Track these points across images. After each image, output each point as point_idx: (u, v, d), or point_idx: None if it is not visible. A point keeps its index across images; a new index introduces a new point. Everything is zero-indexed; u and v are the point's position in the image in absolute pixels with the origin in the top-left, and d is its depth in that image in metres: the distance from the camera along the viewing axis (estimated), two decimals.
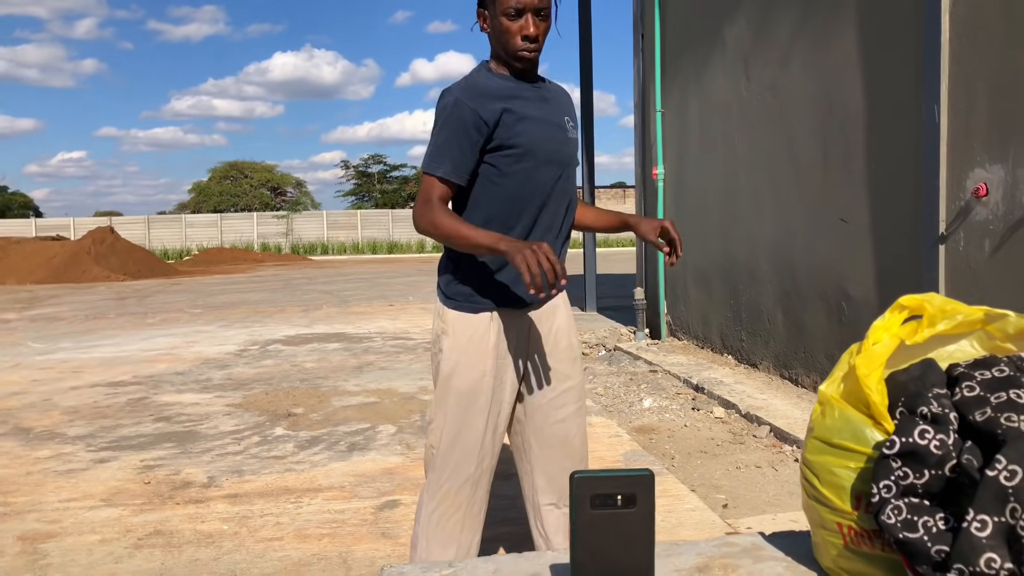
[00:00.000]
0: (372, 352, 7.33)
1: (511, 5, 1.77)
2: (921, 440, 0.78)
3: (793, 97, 5.25)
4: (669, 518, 3.16)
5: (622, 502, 0.75)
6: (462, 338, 1.88)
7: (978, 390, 0.81)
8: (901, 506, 0.79)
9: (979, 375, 0.83)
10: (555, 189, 1.86)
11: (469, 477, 1.90)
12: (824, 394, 0.92)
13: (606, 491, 0.75)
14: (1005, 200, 3.44)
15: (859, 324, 4.58)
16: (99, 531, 3.14)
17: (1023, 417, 0.75)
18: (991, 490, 0.72)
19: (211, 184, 47.60)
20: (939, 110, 3.74)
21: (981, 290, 3.60)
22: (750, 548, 0.99)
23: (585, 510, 0.74)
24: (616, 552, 0.75)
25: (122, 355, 7.52)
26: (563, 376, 1.93)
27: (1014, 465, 0.71)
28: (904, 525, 0.77)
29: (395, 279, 16.96)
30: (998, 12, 3.44)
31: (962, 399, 0.81)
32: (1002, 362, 0.84)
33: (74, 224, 33.80)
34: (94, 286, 16.94)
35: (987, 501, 0.72)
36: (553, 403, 1.93)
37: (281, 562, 2.81)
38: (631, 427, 4.60)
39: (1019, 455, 0.72)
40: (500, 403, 1.90)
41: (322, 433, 4.51)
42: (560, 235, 1.91)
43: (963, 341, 0.96)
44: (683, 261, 7.12)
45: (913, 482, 0.79)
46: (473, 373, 1.88)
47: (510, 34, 1.79)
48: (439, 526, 1.92)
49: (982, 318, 0.94)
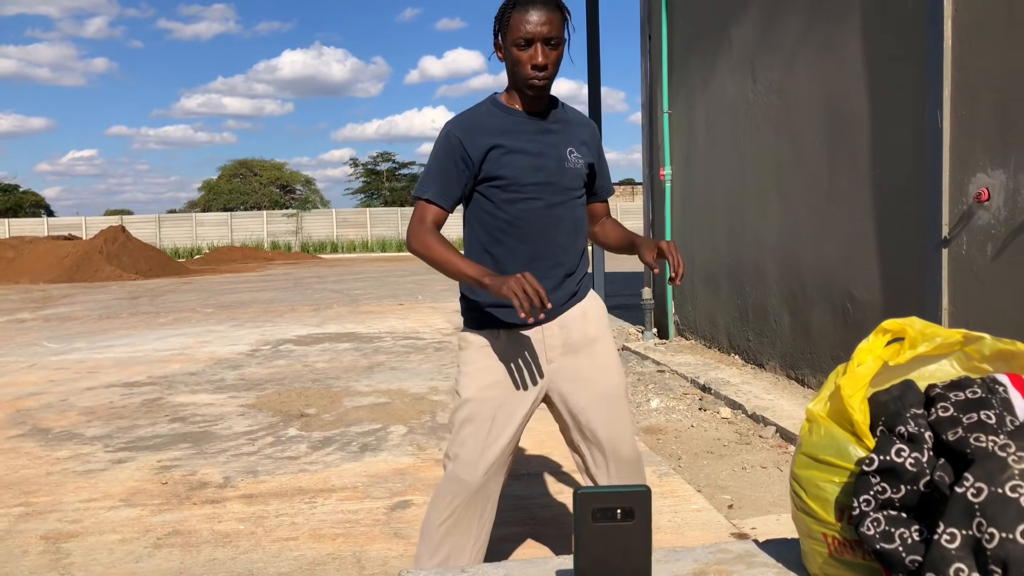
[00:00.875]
0: (383, 352, 7.41)
1: (521, 35, 1.84)
2: (897, 458, 0.85)
3: (799, 100, 5.29)
4: (675, 518, 3.22)
5: (621, 515, 0.82)
6: (471, 352, 1.97)
7: (952, 411, 0.87)
8: (880, 518, 0.85)
9: (953, 396, 0.89)
10: (547, 219, 1.93)
11: (465, 489, 1.96)
12: (812, 412, 0.99)
13: (607, 505, 0.81)
14: (1007, 205, 3.48)
15: (864, 325, 4.62)
16: (119, 531, 3.22)
17: (991, 437, 0.82)
18: (960, 505, 0.78)
19: (221, 182, 47.81)
20: (942, 115, 3.79)
21: (984, 293, 3.65)
22: (743, 555, 1.06)
23: (587, 522, 0.81)
24: (616, 561, 0.82)
25: (136, 355, 7.63)
26: (589, 382, 2.00)
27: (980, 483, 0.78)
28: (882, 536, 0.84)
29: (405, 278, 17.05)
30: (1001, 18, 3.49)
31: (937, 419, 0.87)
32: (975, 384, 0.90)
33: (86, 223, 34.05)
34: (106, 285, 17.11)
35: (956, 516, 0.78)
36: (586, 411, 2.00)
37: (297, 561, 2.89)
38: (639, 428, 4.66)
39: (985, 473, 0.78)
40: (508, 415, 1.96)
41: (335, 434, 4.59)
42: (554, 262, 1.96)
43: (943, 361, 1.02)
44: (690, 261, 7.17)
45: (891, 496, 0.85)
46: (478, 384, 1.96)
47: (520, 63, 1.87)
48: (435, 530, 2.00)
49: (960, 340, 1.00)
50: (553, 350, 1.98)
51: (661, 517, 3.23)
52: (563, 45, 1.90)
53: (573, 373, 1.99)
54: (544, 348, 1.98)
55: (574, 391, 1.99)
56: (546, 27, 1.84)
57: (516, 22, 1.85)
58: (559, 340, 1.98)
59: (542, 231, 1.94)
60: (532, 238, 1.94)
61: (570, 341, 1.99)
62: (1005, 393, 0.88)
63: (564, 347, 1.98)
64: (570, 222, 1.98)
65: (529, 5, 1.85)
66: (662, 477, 3.70)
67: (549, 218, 1.94)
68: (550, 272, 1.95)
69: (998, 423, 0.84)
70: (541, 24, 1.83)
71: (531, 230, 1.93)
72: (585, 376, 1.99)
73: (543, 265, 1.94)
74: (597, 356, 2.00)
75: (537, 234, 1.93)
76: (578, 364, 1.99)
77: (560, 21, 1.88)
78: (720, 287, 6.63)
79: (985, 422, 0.84)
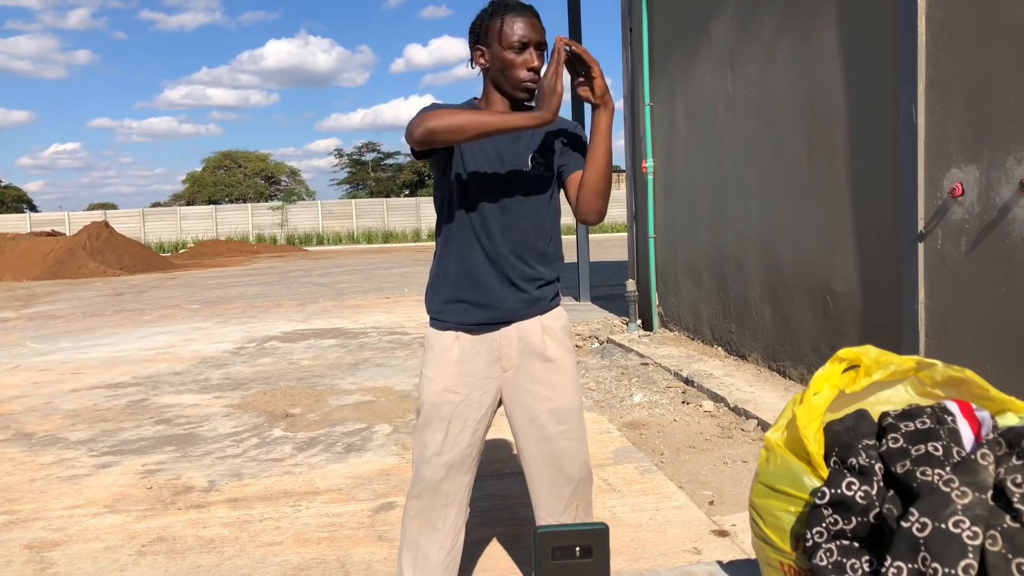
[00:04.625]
0: (368, 348, 7.42)
1: (517, 39, 1.89)
2: (848, 491, 0.87)
3: (778, 93, 5.32)
4: (657, 516, 3.26)
5: (580, 553, 0.84)
6: (431, 354, 2.01)
7: (901, 442, 0.90)
8: (832, 549, 0.88)
9: (904, 427, 0.91)
10: (501, 222, 1.95)
11: (427, 487, 1.99)
12: (769, 441, 1.01)
13: (565, 543, 0.83)
14: (980, 200, 3.52)
15: (843, 318, 4.67)
16: (103, 538, 3.23)
17: (936, 470, 0.84)
18: (906, 540, 0.80)
19: (205, 175, 47.49)
20: (916, 111, 3.82)
21: (959, 287, 3.70)
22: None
23: (547, 561, 0.83)
24: None
25: (121, 355, 7.60)
26: (541, 398, 1.99)
27: (925, 518, 0.80)
28: (834, 567, 0.86)
29: (390, 270, 17.03)
30: (973, 15, 3.52)
31: (887, 450, 0.90)
32: (925, 413, 0.93)
33: (69, 219, 33.79)
34: (90, 282, 16.99)
35: (903, 550, 0.80)
36: (532, 423, 2.01)
37: (281, 567, 2.91)
38: (622, 422, 4.70)
39: (930, 509, 0.80)
40: (465, 419, 1.98)
41: (319, 434, 4.60)
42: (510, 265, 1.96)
43: (899, 386, 1.04)
44: (673, 253, 7.21)
45: (842, 527, 0.88)
46: (436, 386, 1.99)
47: (515, 67, 1.90)
48: (405, 529, 2.04)
49: (914, 367, 1.02)
50: (509, 359, 1.99)
51: (643, 515, 3.27)
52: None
53: (526, 384, 2.00)
54: (500, 355, 2.00)
55: (524, 402, 2.00)
56: (538, 33, 1.92)
57: (511, 27, 1.90)
58: (516, 350, 1.99)
59: (496, 232, 1.95)
60: (491, 237, 1.95)
61: (527, 352, 1.99)
62: (953, 423, 0.91)
63: (520, 357, 1.99)
64: (532, 228, 1.99)
65: (522, 11, 1.93)
66: (644, 474, 3.74)
67: (503, 222, 1.95)
68: (509, 274, 1.97)
69: (945, 455, 0.86)
70: (534, 30, 1.91)
71: (484, 229, 1.95)
72: (537, 390, 1.99)
73: (502, 266, 1.96)
74: (552, 372, 2.00)
75: (492, 233, 1.95)
76: (532, 376, 1.99)
77: (543, 30, 1.95)
78: (703, 280, 6.67)
79: (932, 454, 0.86)
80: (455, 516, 2.03)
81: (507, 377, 2.01)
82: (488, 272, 1.97)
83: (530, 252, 1.99)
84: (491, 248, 1.96)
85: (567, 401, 2.01)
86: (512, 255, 1.97)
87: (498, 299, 1.97)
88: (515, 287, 1.98)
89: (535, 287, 2.00)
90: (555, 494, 2.01)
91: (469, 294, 1.98)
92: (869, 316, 4.44)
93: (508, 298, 1.98)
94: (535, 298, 2.01)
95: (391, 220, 35.71)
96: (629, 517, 3.25)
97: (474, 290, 1.98)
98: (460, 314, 1.99)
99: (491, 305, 1.98)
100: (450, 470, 1.99)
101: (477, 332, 1.99)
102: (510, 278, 1.97)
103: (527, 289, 1.99)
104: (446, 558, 2.02)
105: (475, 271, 1.98)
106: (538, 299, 2.01)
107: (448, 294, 2.01)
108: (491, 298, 1.97)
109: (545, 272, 2.03)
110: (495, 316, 1.98)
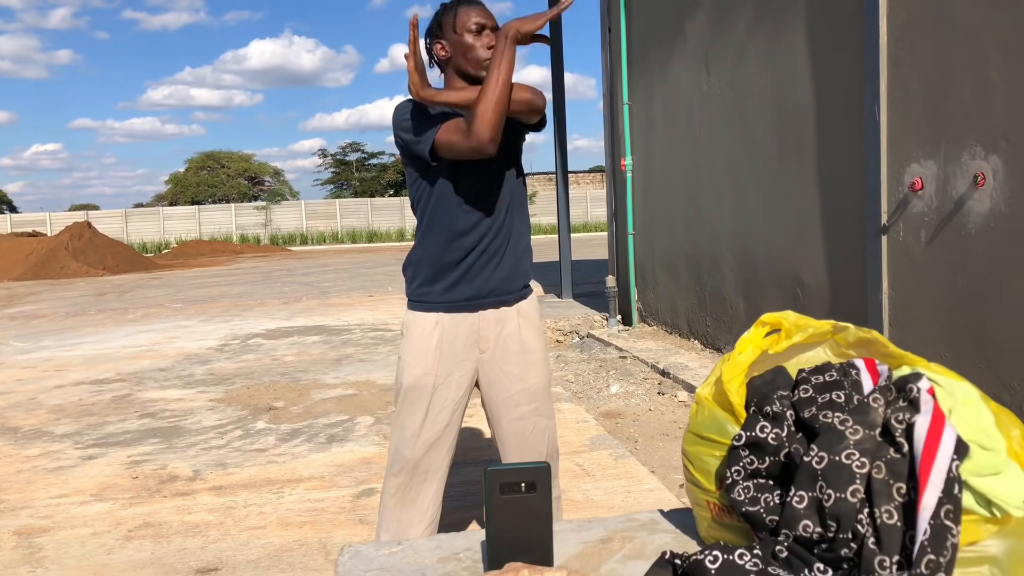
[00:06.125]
0: (351, 344, 7.51)
1: (474, 23, 2.05)
2: (761, 434, 0.99)
3: (750, 92, 5.46)
4: (628, 498, 3.38)
5: (525, 488, 0.95)
6: (410, 337, 2.11)
7: (811, 392, 1.01)
8: (749, 486, 0.99)
9: (814, 379, 1.03)
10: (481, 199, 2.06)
11: (406, 465, 2.09)
12: (699, 395, 1.12)
13: (512, 480, 0.94)
14: (938, 194, 3.67)
15: (813, 310, 4.81)
16: (91, 524, 3.31)
17: (836, 414, 0.96)
18: (807, 472, 0.92)
19: (188, 175, 47.28)
20: (879, 108, 3.96)
21: (919, 277, 3.84)
22: (648, 523, 1.20)
23: (496, 495, 0.94)
24: (522, 528, 0.95)
25: (105, 352, 7.65)
26: (515, 378, 2.11)
27: (822, 452, 0.92)
28: (749, 501, 0.98)
29: (375, 269, 17.09)
30: (931, 17, 3.66)
31: (798, 399, 1.01)
32: (834, 368, 1.04)
33: (50, 219, 33.58)
34: (73, 282, 16.95)
35: (804, 480, 0.92)
36: (507, 403, 2.12)
37: (264, 549, 3.01)
38: (598, 412, 4.82)
39: (827, 445, 0.92)
40: (444, 400, 2.09)
41: (302, 426, 4.69)
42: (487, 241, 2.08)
43: (818, 348, 1.16)
44: (652, 249, 7.35)
45: (757, 467, 0.99)
46: (416, 370, 2.09)
47: (475, 48, 2.05)
48: (384, 507, 2.14)
49: (830, 329, 1.14)
50: (486, 340, 2.10)
51: (615, 497, 3.39)
52: None
53: (500, 366, 2.11)
54: (479, 337, 2.10)
55: (498, 383, 2.11)
56: (491, 19, 2.08)
57: (467, 14, 2.07)
58: (493, 332, 2.11)
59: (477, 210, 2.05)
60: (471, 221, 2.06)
61: (503, 334, 2.11)
62: (857, 376, 1.02)
63: (497, 339, 2.11)
64: (503, 201, 2.08)
65: (472, 2, 2.10)
66: (618, 460, 3.86)
67: (482, 197, 2.05)
68: (490, 250, 2.07)
69: (846, 401, 0.98)
70: (488, 16, 2.09)
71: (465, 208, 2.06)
72: (510, 372, 2.11)
73: (482, 243, 2.06)
74: (526, 354, 2.12)
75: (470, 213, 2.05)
76: (506, 359, 2.10)
77: (494, 17, 2.11)
78: (680, 275, 6.81)
79: (835, 401, 0.98)
80: (434, 492, 2.13)
81: (484, 359, 2.12)
82: (468, 254, 2.07)
83: (508, 234, 2.10)
84: (471, 230, 2.07)
85: (538, 381, 2.13)
86: (494, 237, 2.08)
87: (479, 280, 2.08)
88: (498, 267, 2.09)
89: (508, 267, 2.11)
90: None
91: (451, 275, 2.09)
92: (837, 307, 4.59)
93: (490, 279, 2.09)
94: (513, 280, 2.12)
95: (375, 220, 35.73)
96: (602, 500, 3.37)
97: (455, 272, 2.08)
98: (442, 294, 2.09)
99: (472, 285, 2.09)
100: (429, 448, 2.09)
101: (457, 311, 2.10)
102: (490, 260, 2.09)
103: (505, 268, 2.10)
104: (425, 531, 2.12)
105: (454, 253, 2.08)
106: (512, 277, 2.12)
107: (429, 275, 2.10)
108: (471, 279, 2.08)
109: (525, 252, 2.16)
110: (475, 294, 2.09)
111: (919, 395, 0.93)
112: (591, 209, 35.76)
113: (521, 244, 2.14)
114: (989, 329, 3.46)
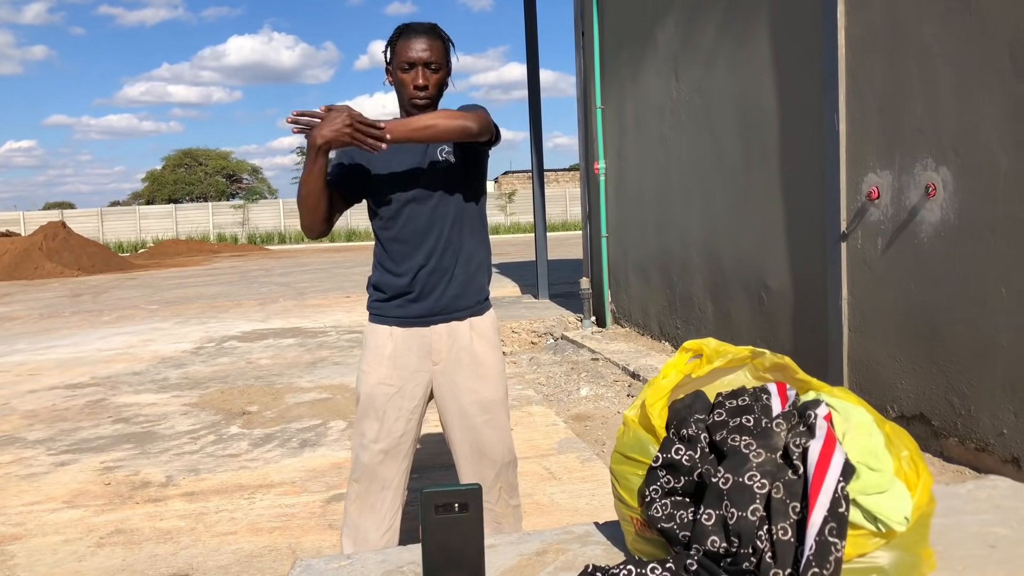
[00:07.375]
0: (326, 347, 7.55)
1: (404, 60, 2.11)
2: (676, 456, 1.07)
3: (717, 99, 5.56)
4: (592, 501, 3.46)
5: (459, 508, 1.02)
6: (367, 347, 2.19)
7: (724, 415, 1.10)
8: (666, 503, 1.07)
9: (728, 403, 1.12)
10: (423, 220, 2.14)
11: (365, 472, 2.17)
12: (626, 417, 1.20)
13: (446, 501, 1.02)
14: (893, 203, 3.78)
15: (777, 314, 4.93)
16: (62, 531, 3.35)
17: (744, 438, 1.04)
18: (714, 492, 1.00)
19: (165, 173, 46.97)
20: (838, 118, 4.07)
21: (876, 284, 3.96)
22: (582, 535, 1.28)
23: (431, 515, 1.02)
24: (456, 545, 1.02)
25: (79, 356, 7.64)
26: (468, 390, 2.18)
27: (728, 474, 1.00)
28: (665, 518, 1.06)
29: (352, 269, 17.10)
30: (885, 32, 3.77)
31: (712, 423, 1.10)
32: (747, 393, 1.13)
33: (24, 218, 33.22)
34: (47, 283, 16.82)
35: (712, 499, 1.00)
36: (459, 413, 2.20)
37: (235, 555, 3.07)
38: (568, 415, 4.91)
39: (732, 467, 1.00)
40: (399, 409, 2.16)
41: (275, 431, 4.74)
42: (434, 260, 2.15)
43: (739, 372, 1.25)
44: (624, 252, 7.45)
45: (674, 486, 1.07)
46: (371, 379, 2.18)
47: (404, 85, 2.12)
48: (347, 512, 2.22)
49: (748, 355, 1.23)
50: (439, 353, 2.18)
51: (580, 500, 3.47)
52: (443, 70, 2.14)
53: (453, 378, 2.18)
54: (431, 350, 2.18)
55: (451, 394, 2.18)
56: (427, 53, 2.11)
57: (401, 48, 2.12)
58: (445, 345, 2.18)
59: (422, 232, 2.13)
60: (412, 239, 2.14)
61: (455, 348, 2.18)
62: (768, 400, 1.11)
63: (449, 352, 2.18)
64: (448, 221, 2.15)
65: (412, 34, 2.13)
66: (584, 463, 3.95)
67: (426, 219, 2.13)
68: (439, 270, 2.15)
69: (754, 425, 1.06)
70: (422, 50, 2.11)
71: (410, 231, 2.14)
72: (463, 383, 2.18)
73: (430, 263, 2.14)
74: (479, 367, 2.19)
75: (416, 235, 2.13)
76: (459, 371, 2.18)
77: (441, 48, 2.14)
78: (651, 278, 6.91)
79: (744, 425, 1.06)
80: (391, 499, 2.20)
81: (437, 370, 2.20)
82: (416, 276, 2.15)
83: (457, 253, 2.17)
84: (415, 253, 2.14)
85: (491, 393, 2.20)
86: (440, 258, 2.15)
87: (432, 297, 2.16)
88: (445, 287, 2.17)
89: (458, 285, 2.18)
90: (480, 478, 2.19)
91: (402, 296, 2.17)
92: (799, 311, 4.70)
93: (441, 296, 2.17)
94: (465, 298, 2.19)
95: (353, 219, 35.63)
96: (567, 503, 3.45)
97: (406, 294, 2.16)
98: (394, 309, 2.18)
99: (424, 302, 2.16)
100: (386, 456, 2.17)
101: (410, 326, 2.17)
102: (440, 280, 2.16)
103: (455, 286, 2.18)
104: (383, 537, 2.19)
105: (403, 278, 2.16)
106: (468, 299, 2.19)
107: (384, 296, 2.19)
108: (424, 298, 2.16)
109: (478, 269, 2.22)
110: (427, 312, 2.17)
111: (815, 421, 1.01)
112: (570, 207, 35.90)
113: (473, 261, 2.20)
114: (940, 335, 3.57)
